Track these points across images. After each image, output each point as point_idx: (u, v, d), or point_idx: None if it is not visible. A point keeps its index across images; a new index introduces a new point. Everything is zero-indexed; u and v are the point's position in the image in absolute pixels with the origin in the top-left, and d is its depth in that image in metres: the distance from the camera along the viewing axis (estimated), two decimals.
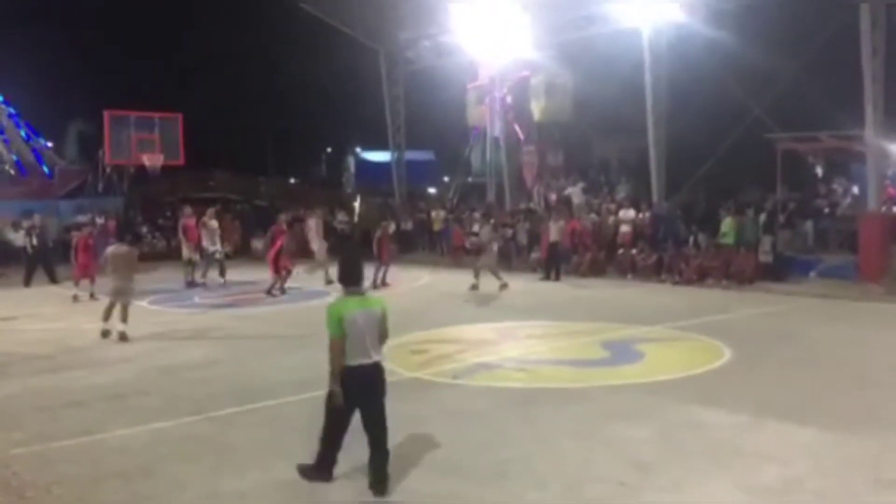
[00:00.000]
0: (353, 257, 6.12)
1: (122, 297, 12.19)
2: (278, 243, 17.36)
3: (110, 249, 12.53)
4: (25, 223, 23.36)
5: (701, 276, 18.65)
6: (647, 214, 21.78)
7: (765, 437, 6.98)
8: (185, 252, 19.44)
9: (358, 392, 5.68)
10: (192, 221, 19.88)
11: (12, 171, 32.78)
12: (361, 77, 31.62)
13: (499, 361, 10.25)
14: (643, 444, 6.75)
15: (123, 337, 11.98)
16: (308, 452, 6.64)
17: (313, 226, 20.63)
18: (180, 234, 19.97)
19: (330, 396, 5.75)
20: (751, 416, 7.52)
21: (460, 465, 6.29)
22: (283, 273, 17.33)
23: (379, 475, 5.71)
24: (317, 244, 20.07)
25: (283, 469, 6.24)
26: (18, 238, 23.42)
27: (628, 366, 10.01)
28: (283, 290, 17.32)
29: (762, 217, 19.74)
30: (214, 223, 19.54)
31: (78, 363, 10.47)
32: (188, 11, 39.93)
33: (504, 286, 17.19)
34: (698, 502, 5.49)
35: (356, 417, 5.81)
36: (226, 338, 12.24)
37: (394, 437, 7.02)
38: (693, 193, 23.49)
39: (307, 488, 5.85)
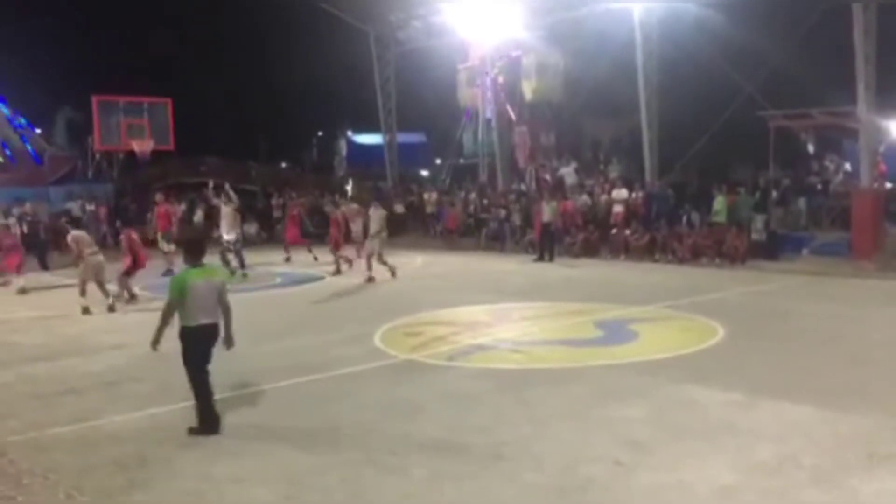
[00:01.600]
0: (196, 236, 7.65)
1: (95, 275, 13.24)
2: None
3: (72, 234, 13.73)
4: (16, 210, 23.25)
5: (694, 256, 18.69)
6: (640, 194, 21.78)
7: (759, 415, 7.00)
8: (160, 241, 18.82)
9: (204, 345, 6.82)
10: (163, 209, 19.43)
11: (1, 159, 32.56)
12: (352, 59, 31.43)
13: (493, 343, 10.26)
14: (638, 424, 6.78)
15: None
16: (300, 436, 6.68)
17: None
18: (154, 222, 19.39)
19: (185, 357, 6.79)
20: (745, 395, 7.55)
21: (459, 447, 6.30)
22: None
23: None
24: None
25: (278, 453, 6.26)
26: (9, 225, 23.26)
27: (622, 345, 10.03)
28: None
29: (755, 195, 19.78)
30: (227, 209, 17.63)
31: (71, 351, 10.43)
32: None
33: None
34: (694, 480, 5.51)
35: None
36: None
37: (390, 419, 7.06)
38: (685, 172, 23.52)
39: (303, 472, 5.86)
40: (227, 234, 17.35)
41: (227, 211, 17.58)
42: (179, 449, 6.47)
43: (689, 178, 23.23)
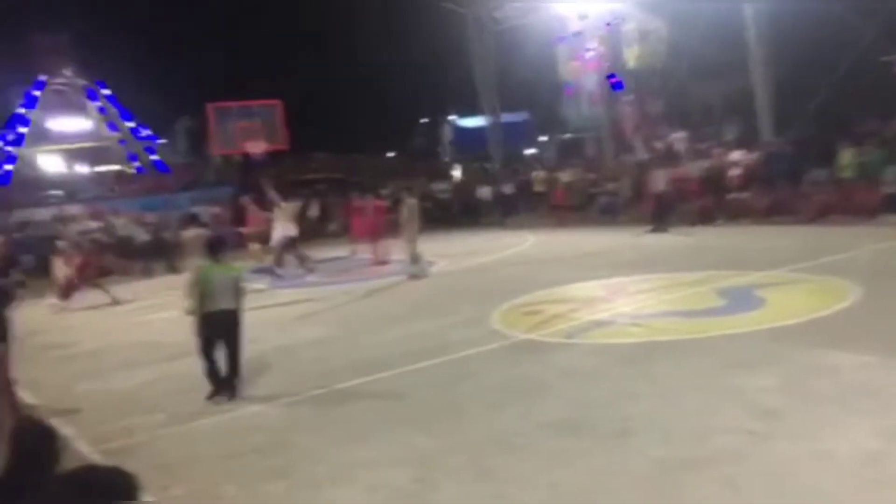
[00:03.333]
0: (217, 237, 9.60)
1: None
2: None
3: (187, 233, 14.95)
4: (147, 219, 24.83)
5: (821, 214, 17.80)
6: (758, 154, 20.89)
7: None
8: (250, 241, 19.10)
9: (217, 328, 8.01)
10: (253, 208, 19.72)
11: (130, 170, 34.56)
12: (451, 43, 31.47)
13: (612, 318, 10.13)
14: (770, 392, 6.55)
15: None
16: (427, 419, 6.82)
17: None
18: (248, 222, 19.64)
19: (198, 332, 8.05)
20: (882, 357, 7.15)
21: (584, 424, 6.28)
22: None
23: (231, 389, 8.11)
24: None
25: (409, 436, 6.42)
26: (141, 233, 24.84)
27: (748, 313, 9.68)
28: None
29: (885, 146, 18.61)
30: (287, 205, 17.75)
31: None
32: None
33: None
34: (834, 448, 5.29)
35: None
36: (339, 313, 12.61)
37: (513, 399, 7.11)
38: (806, 128, 22.34)
39: (431, 453, 5.98)
40: (284, 232, 17.28)
41: (282, 209, 17.50)
42: (314, 435, 6.75)
43: (810, 133, 22.05)
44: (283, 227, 17.29)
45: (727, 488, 4.90)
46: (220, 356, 8.14)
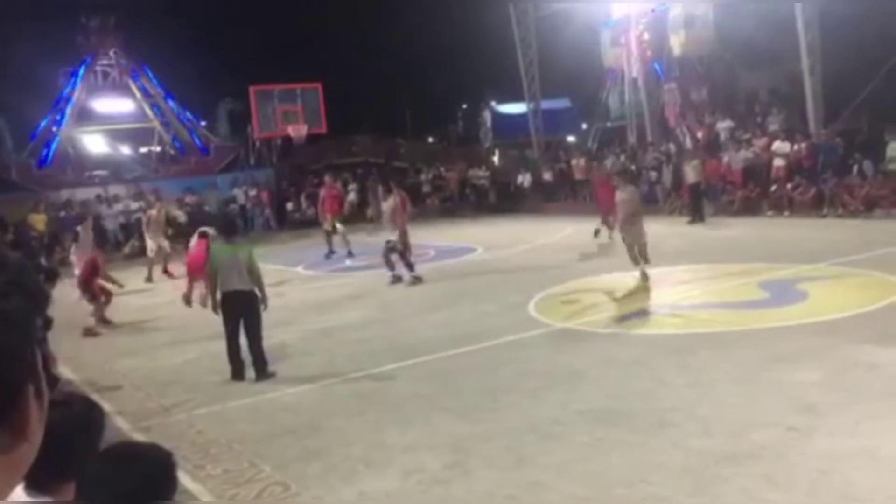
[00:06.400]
0: (228, 217, 9.76)
1: None
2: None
3: None
4: (187, 200, 25.13)
5: (868, 207, 17.39)
6: (804, 145, 20.44)
7: None
8: (325, 223, 18.62)
9: (233, 309, 8.05)
10: (328, 192, 19.70)
11: (172, 152, 34.94)
12: (492, 28, 31.27)
13: (651, 308, 10.05)
14: (812, 387, 6.43)
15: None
16: (463, 405, 6.82)
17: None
18: (319, 205, 19.58)
19: (222, 315, 8.16)
20: None
21: (622, 414, 6.23)
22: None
23: (257, 366, 8.12)
24: None
25: (446, 421, 6.42)
26: (181, 215, 25.13)
27: (791, 306, 9.51)
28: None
29: None
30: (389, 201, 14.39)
31: None
32: None
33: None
34: (878, 446, 5.17)
35: None
36: (378, 298, 12.64)
37: (551, 387, 7.08)
38: (855, 119, 21.79)
39: (467, 439, 5.98)
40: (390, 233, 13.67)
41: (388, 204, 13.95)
42: (350, 419, 6.78)
43: (860, 124, 21.50)
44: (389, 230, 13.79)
45: (766, 484, 4.82)
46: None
